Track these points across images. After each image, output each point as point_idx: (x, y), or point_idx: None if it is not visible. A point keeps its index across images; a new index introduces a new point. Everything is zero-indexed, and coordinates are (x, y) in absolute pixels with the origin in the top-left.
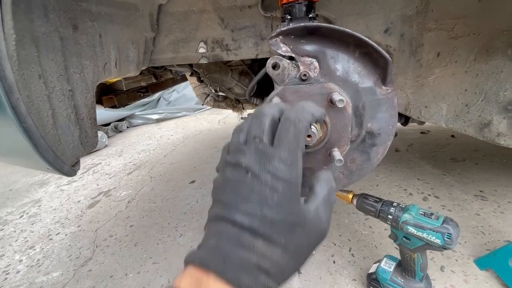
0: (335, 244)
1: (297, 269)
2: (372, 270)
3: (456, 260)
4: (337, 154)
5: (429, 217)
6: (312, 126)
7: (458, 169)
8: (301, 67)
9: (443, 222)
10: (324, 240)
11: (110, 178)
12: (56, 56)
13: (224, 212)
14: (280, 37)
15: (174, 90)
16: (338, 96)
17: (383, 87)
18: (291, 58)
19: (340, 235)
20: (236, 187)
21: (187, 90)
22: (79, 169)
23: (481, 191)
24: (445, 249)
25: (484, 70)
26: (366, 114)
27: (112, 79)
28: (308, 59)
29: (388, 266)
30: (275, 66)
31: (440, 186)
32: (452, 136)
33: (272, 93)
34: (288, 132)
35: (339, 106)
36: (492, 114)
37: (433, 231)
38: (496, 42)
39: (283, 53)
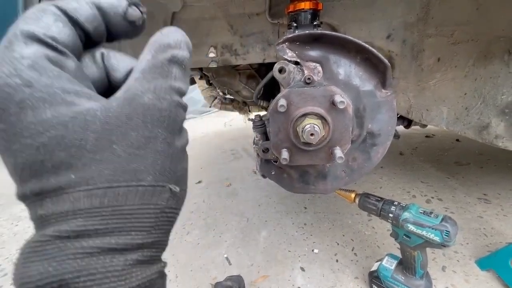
0: (338, 244)
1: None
2: (374, 268)
3: (458, 261)
4: (338, 152)
5: (428, 216)
6: (314, 126)
7: (462, 172)
8: (305, 71)
9: (442, 220)
10: (162, 116)
11: None
12: None
13: None
14: (287, 43)
15: None
16: (340, 98)
17: (383, 90)
18: (296, 63)
19: (344, 235)
20: None
21: (194, 93)
22: None
23: (484, 194)
24: (444, 246)
25: (483, 75)
26: (367, 116)
27: None
28: (312, 64)
29: (389, 264)
30: (281, 70)
31: (443, 189)
32: (457, 140)
33: (279, 95)
34: None
35: (340, 108)
36: (490, 117)
37: (432, 228)
38: (494, 48)
39: (289, 58)
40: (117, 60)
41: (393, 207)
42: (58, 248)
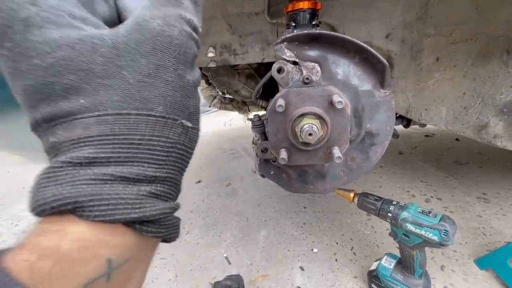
0: (337, 243)
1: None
2: (373, 267)
3: (457, 260)
4: (336, 152)
5: (427, 215)
6: (313, 126)
7: (462, 171)
8: (304, 71)
9: (440, 219)
10: (174, 47)
11: None
12: None
13: None
14: (285, 43)
15: None
16: (338, 98)
17: (382, 90)
18: (295, 63)
19: (343, 235)
20: None
21: None
22: None
23: (483, 193)
24: (442, 245)
25: (481, 74)
26: (365, 115)
27: None
28: (311, 64)
29: (388, 263)
30: (279, 70)
31: (443, 188)
32: (457, 139)
33: (277, 95)
34: None
35: (339, 107)
36: (489, 117)
37: (431, 228)
38: (492, 47)
39: (287, 58)
40: (129, 0)
41: (392, 206)
42: (71, 174)
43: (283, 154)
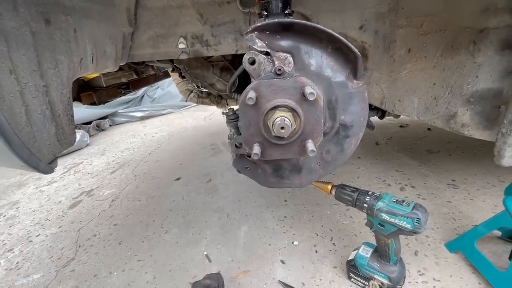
0: (317, 235)
1: None
2: (351, 257)
3: (429, 245)
4: (310, 145)
5: (400, 204)
6: (285, 119)
7: (433, 160)
8: (276, 62)
9: (413, 208)
10: None
11: (92, 177)
12: (28, 51)
13: None
14: (256, 32)
15: (158, 87)
16: (310, 89)
17: (355, 81)
18: (267, 53)
19: (322, 226)
20: None
21: (171, 87)
22: (56, 166)
23: (453, 180)
24: (415, 233)
25: (450, 65)
26: (339, 107)
27: (90, 75)
28: (283, 54)
29: (365, 252)
30: (252, 62)
31: (416, 176)
32: (429, 129)
33: (248, 87)
34: None
35: (311, 99)
36: (457, 106)
37: (404, 216)
38: (460, 38)
39: (258, 48)
40: None
41: (367, 197)
42: None
43: (256, 149)
